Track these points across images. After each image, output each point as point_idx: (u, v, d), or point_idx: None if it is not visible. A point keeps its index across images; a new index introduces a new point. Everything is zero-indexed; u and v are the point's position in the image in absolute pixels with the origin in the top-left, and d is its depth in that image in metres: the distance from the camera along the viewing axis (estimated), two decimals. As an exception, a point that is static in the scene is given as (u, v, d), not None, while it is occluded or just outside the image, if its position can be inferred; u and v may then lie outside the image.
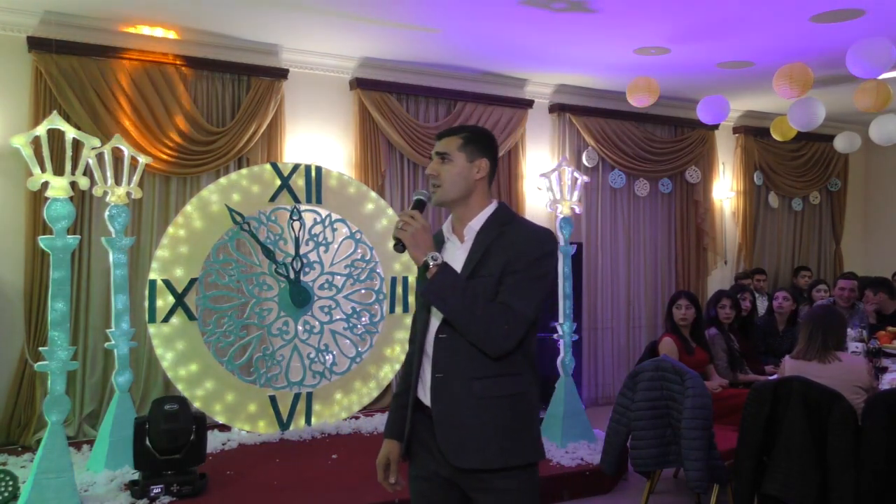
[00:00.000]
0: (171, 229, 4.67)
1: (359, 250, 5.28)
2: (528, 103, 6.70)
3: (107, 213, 4.32)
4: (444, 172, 2.11)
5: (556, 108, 6.90)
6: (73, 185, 3.82)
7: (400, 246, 2.02)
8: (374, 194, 5.38)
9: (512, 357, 2.02)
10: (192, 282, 4.67)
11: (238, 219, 4.82)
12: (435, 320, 2.09)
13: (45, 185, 3.71)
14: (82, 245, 5.04)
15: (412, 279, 5.39)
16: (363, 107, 5.95)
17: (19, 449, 4.78)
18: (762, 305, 7.28)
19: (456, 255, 2.13)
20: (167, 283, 4.59)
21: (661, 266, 7.58)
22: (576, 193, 5.16)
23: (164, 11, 4.91)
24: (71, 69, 4.93)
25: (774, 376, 3.99)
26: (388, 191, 6.06)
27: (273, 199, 4.96)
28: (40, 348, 3.78)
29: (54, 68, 4.88)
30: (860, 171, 9.14)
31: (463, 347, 2.02)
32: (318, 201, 5.10)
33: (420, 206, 2.11)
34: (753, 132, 8.07)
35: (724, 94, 6.54)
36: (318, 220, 5.13)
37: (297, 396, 5.02)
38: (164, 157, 5.20)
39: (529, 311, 2.00)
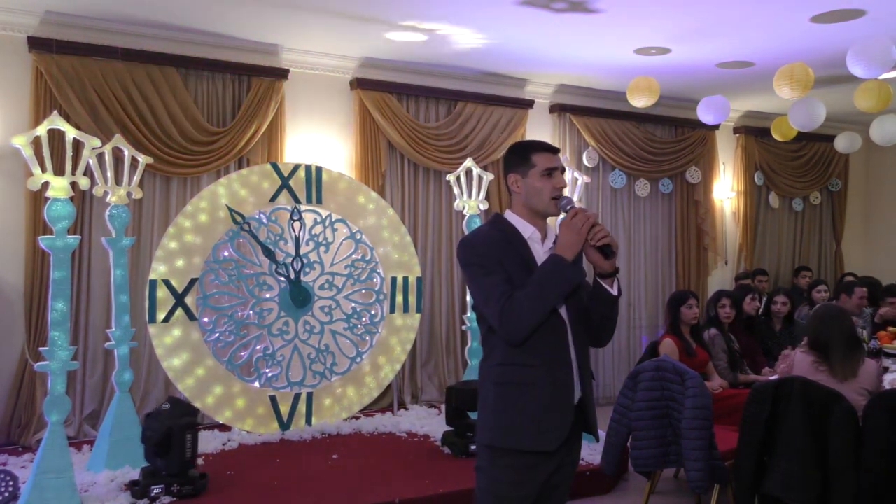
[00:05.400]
0: (171, 229, 4.67)
1: (359, 250, 5.28)
2: (529, 103, 6.70)
3: (107, 213, 4.31)
4: None
5: (557, 109, 6.89)
6: (74, 185, 3.82)
7: (612, 252, 2.13)
8: (374, 194, 5.38)
9: None
10: (193, 282, 4.68)
11: (238, 219, 4.82)
12: (563, 323, 2.22)
13: (46, 185, 3.71)
14: (82, 245, 5.04)
15: (413, 279, 5.40)
16: (363, 107, 5.95)
17: (19, 449, 4.78)
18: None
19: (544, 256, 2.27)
20: (167, 283, 4.59)
21: (662, 266, 7.58)
22: (576, 194, 5.17)
23: (165, 11, 4.91)
24: (71, 69, 4.93)
25: (775, 377, 3.98)
26: (389, 191, 6.06)
27: (273, 199, 4.96)
28: (40, 348, 3.78)
29: (54, 68, 4.88)
30: (861, 171, 9.13)
31: (584, 337, 2.28)
32: (319, 201, 5.10)
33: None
34: (754, 132, 8.06)
35: (725, 94, 6.53)
36: (319, 220, 5.13)
37: (297, 397, 5.02)
38: (165, 157, 5.20)
39: None
